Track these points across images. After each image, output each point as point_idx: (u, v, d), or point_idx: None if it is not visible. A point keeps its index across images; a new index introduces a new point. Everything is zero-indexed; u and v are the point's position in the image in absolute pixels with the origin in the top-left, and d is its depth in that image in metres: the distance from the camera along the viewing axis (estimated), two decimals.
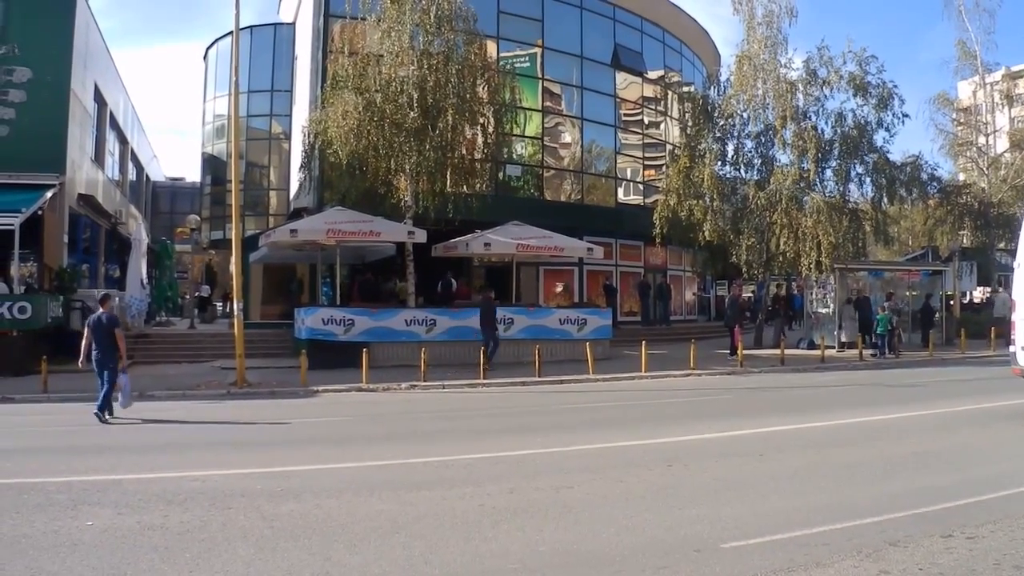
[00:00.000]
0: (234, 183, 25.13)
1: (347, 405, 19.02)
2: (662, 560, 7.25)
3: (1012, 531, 8.02)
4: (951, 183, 45.28)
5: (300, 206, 37.30)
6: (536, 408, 18.75)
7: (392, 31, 27.35)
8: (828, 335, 33.14)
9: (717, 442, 13.73)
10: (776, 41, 33.69)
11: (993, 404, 17.92)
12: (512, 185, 39.78)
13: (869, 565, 7.05)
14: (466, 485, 10.20)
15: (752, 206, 33.06)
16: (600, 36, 42.10)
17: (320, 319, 26.14)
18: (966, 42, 45.24)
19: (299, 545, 7.66)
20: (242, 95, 35.28)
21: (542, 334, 27.93)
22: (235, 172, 26.29)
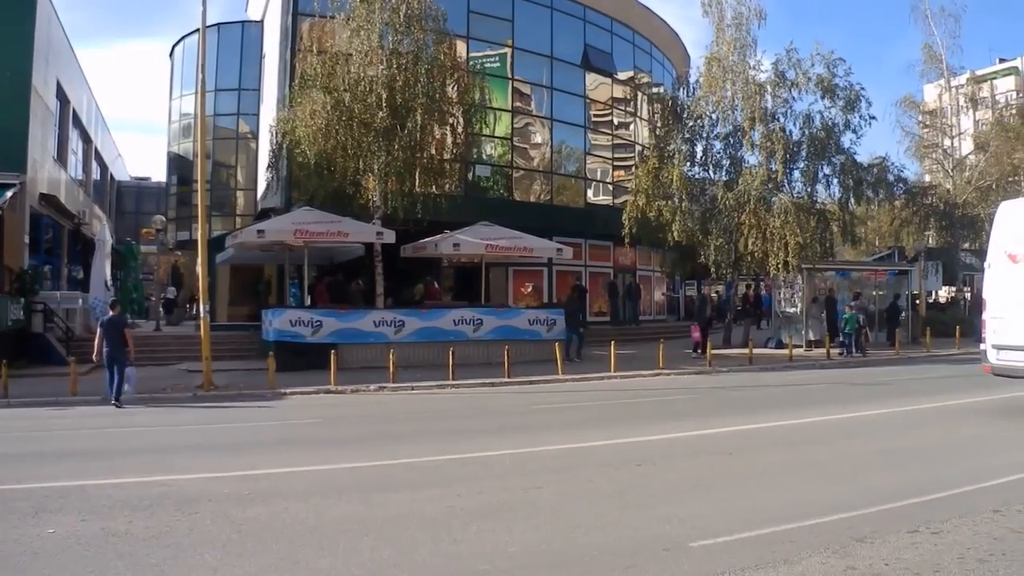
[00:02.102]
0: (200, 183, 24.92)
1: (315, 407, 18.90)
2: (630, 559, 7.23)
3: (976, 525, 8.07)
4: (917, 184, 45.75)
5: (268, 206, 37.14)
6: (505, 409, 18.70)
7: (361, 30, 27.24)
8: (796, 334, 33.36)
9: (686, 441, 13.76)
10: (745, 43, 33.83)
11: (959, 401, 18.17)
12: (481, 185, 39.74)
13: (836, 561, 7.07)
14: (435, 486, 10.15)
15: (721, 207, 33.14)
16: (570, 37, 42.14)
17: (288, 320, 25.97)
18: (932, 46, 45.61)
19: (267, 549, 7.57)
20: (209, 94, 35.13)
21: (511, 334, 27.89)
22: (201, 172, 26.04)
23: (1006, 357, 16.01)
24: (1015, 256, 15.99)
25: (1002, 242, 16.47)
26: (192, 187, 43.99)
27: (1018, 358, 15.63)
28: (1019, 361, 15.63)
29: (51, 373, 22.85)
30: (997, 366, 16.33)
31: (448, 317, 27.94)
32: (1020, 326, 15.59)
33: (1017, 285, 15.81)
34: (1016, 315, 15.74)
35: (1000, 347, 16.15)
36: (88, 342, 26.17)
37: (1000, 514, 8.45)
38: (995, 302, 16.46)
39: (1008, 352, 15.93)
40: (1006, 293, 16.14)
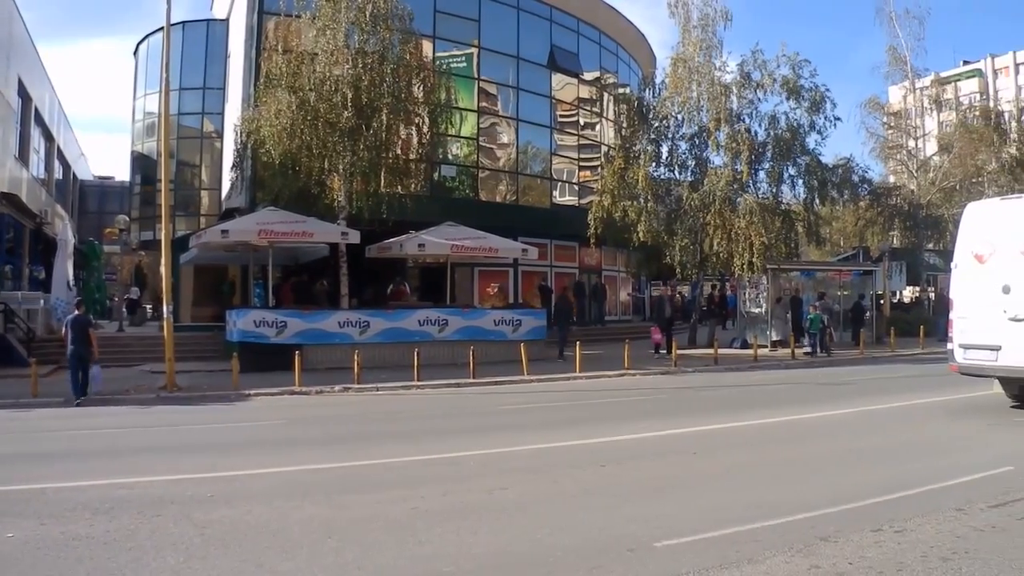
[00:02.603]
0: (164, 183, 24.76)
1: (280, 408, 18.82)
2: (595, 560, 7.23)
3: (939, 524, 8.14)
4: (881, 185, 46.26)
5: (232, 206, 36.91)
6: (471, 410, 18.71)
7: (327, 29, 27.12)
8: (761, 334, 33.56)
9: (651, 441, 13.79)
10: (711, 44, 34.04)
11: (923, 401, 18.36)
12: (447, 186, 39.70)
13: (800, 560, 7.10)
14: (400, 488, 10.12)
15: (686, 207, 33.29)
16: (537, 37, 42.16)
17: (252, 321, 25.84)
18: (897, 48, 46.21)
19: (230, 552, 7.51)
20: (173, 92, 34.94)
21: (477, 335, 27.87)
22: (165, 171, 25.92)
23: (972, 356, 16.31)
24: (981, 256, 16.26)
25: (969, 243, 16.70)
26: (156, 187, 43.59)
27: (984, 357, 15.96)
28: (985, 360, 15.98)
29: (12, 375, 22.60)
30: (964, 365, 16.64)
31: (413, 318, 27.90)
32: (986, 326, 15.88)
33: (983, 285, 16.06)
34: (982, 315, 16.02)
35: (967, 346, 16.44)
36: (50, 343, 26.03)
37: (963, 512, 8.53)
38: (962, 302, 16.73)
39: (974, 351, 16.24)
40: (972, 293, 16.39)
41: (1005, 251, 15.81)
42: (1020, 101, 59.02)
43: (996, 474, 10.42)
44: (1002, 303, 15.59)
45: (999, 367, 15.91)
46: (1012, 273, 15.57)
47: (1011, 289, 15.51)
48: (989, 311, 15.84)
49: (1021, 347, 15.23)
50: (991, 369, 16.20)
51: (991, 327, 15.77)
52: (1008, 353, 15.46)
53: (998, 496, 9.17)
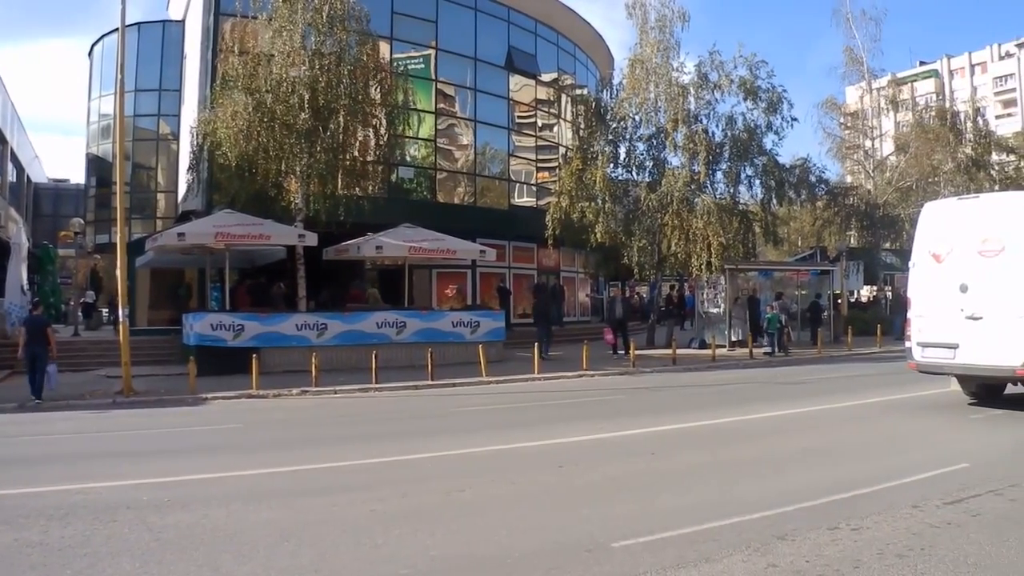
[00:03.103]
0: (119, 185, 24.59)
1: (237, 412, 18.69)
2: (553, 561, 7.26)
3: (895, 521, 8.23)
4: (838, 185, 46.62)
5: (188, 209, 36.67)
6: (429, 412, 18.71)
7: (283, 30, 26.95)
8: (719, 334, 33.74)
9: (609, 442, 13.84)
10: (668, 45, 34.13)
11: (880, 399, 18.51)
12: (405, 187, 39.61)
13: (757, 559, 7.17)
14: (358, 490, 10.11)
15: (644, 208, 33.38)
16: (494, 38, 42.17)
17: (209, 324, 25.67)
18: (853, 49, 46.47)
19: (186, 557, 7.48)
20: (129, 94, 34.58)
21: (435, 337, 27.86)
22: (120, 174, 25.68)
23: (930, 354, 16.58)
24: (939, 256, 16.50)
25: (926, 242, 16.95)
26: (111, 189, 43.13)
27: (942, 355, 16.24)
28: (943, 358, 16.26)
29: None
30: (922, 363, 16.90)
31: (371, 320, 27.83)
32: (944, 324, 16.17)
33: (941, 284, 16.32)
34: (940, 314, 16.29)
35: (925, 344, 16.69)
36: (3, 348, 25.75)
37: (919, 509, 8.64)
38: (919, 301, 17.03)
39: (932, 349, 16.52)
40: (930, 292, 16.65)
41: (962, 250, 16.05)
42: (975, 101, 59.61)
43: (952, 471, 10.55)
44: (959, 302, 15.86)
45: (957, 365, 16.21)
46: (969, 272, 15.84)
47: (968, 288, 15.77)
48: (947, 310, 16.12)
49: (978, 345, 15.50)
50: (949, 367, 16.51)
51: (949, 325, 16.05)
52: (965, 351, 15.74)
53: (953, 493, 9.29)
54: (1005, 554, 7.22)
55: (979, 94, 79.48)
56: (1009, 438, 13.65)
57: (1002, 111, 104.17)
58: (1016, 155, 53.73)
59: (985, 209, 16.48)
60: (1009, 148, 53.60)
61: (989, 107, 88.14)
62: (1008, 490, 9.44)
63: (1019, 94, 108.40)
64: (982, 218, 16.08)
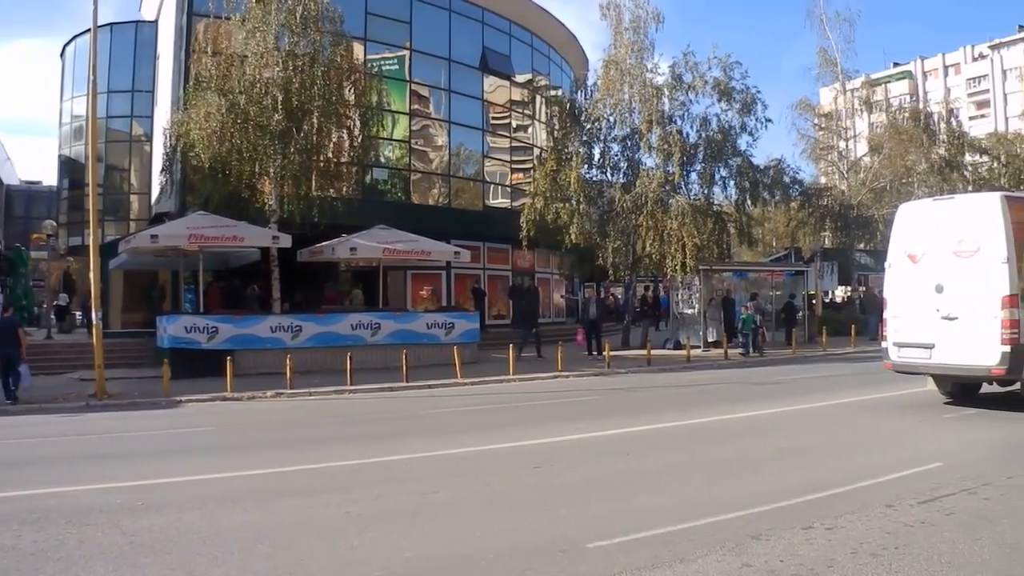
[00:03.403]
0: (91, 187, 24.46)
1: (211, 415, 18.63)
2: (527, 562, 7.28)
3: (869, 520, 8.29)
4: (812, 186, 46.70)
5: (162, 211, 36.48)
6: (404, 413, 18.67)
7: (257, 31, 26.87)
8: (694, 335, 33.83)
9: (584, 443, 13.88)
10: (643, 46, 34.14)
11: (854, 399, 18.65)
12: (379, 189, 39.52)
13: (732, 559, 7.20)
14: (333, 492, 10.10)
15: (618, 209, 33.40)
16: (468, 39, 42.13)
17: (183, 327, 25.55)
18: (827, 50, 46.54)
19: (159, 560, 7.45)
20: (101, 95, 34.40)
21: (410, 339, 27.83)
22: (93, 175, 25.54)
23: (906, 354, 16.87)
24: (915, 256, 16.84)
25: (902, 243, 17.28)
26: (84, 191, 42.85)
27: (918, 355, 16.54)
28: (919, 358, 16.56)
29: None
30: (898, 363, 17.19)
31: (346, 322, 27.78)
32: (920, 324, 16.47)
33: (917, 285, 16.61)
34: (916, 314, 16.59)
35: (901, 344, 17.01)
36: None
37: (893, 509, 8.70)
38: (895, 301, 17.31)
39: (908, 349, 16.82)
40: (906, 293, 16.96)
41: (938, 251, 16.36)
42: (949, 103, 60.06)
43: (926, 470, 10.63)
44: (935, 302, 16.14)
45: (933, 364, 16.50)
46: (945, 273, 16.12)
47: (944, 288, 16.06)
48: (923, 310, 16.41)
49: (954, 345, 15.79)
50: (925, 367, 16.80)
51: (925, 326, 16.34)
52: (941, 351, 16.03)
53: (927, 492, 9.37)
54: (978, 553, 7.28)
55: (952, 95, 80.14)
56: (982, 437, 13.75)
57: (975, 112, 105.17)
58: (989, 156, 54.14)
59: (960, 210, 16.70)
60: (982, 149, 54.00)
61: (962, 108, 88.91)
62: (981, 489, 9.53)
63: (992, 95, 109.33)
64: (957, 219, 16.32)
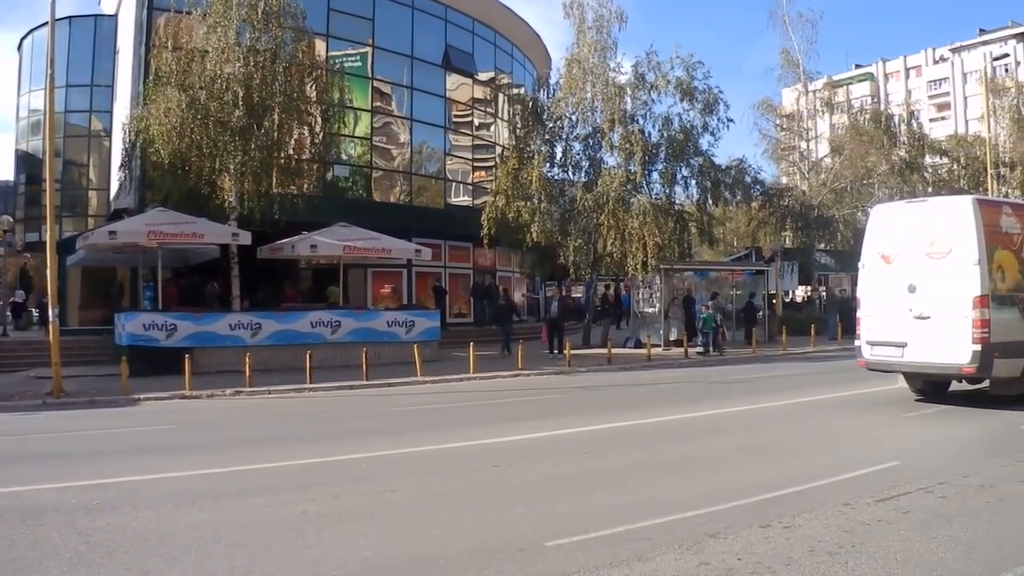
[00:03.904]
0: (49, 182, 24.18)
1: (170, 413, 18.49)
2: (486, 560, 7.29)
3: (827, 519, 8.36)
4: (774, 186, 46.94)
5: (120, 207, 36.16)
6: (363, 412, 18.65)
7: (218, 26, 26.68)
8: (655, 334, 33.92)
9: (543, 441, 13.90)
10: (605, 45, 34.29)
11: (813, 398, 18.95)
12: (340, 186, 39.44)
13: (690, 557, 7.23)
14: (291, 491, 10.03)
15: (580, 208, 33.50)
16: (431, 37, 42.08)
17: (141, 324, 25.34)
18: (790, 51, 46.76)
19: (115, 561, 7.39)
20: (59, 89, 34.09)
21: (370, 337, 27.76)
22: (50, 171, 25.26)
23: (879, 352, 17.30)
24: (888, 257, 17.32)
25: (875, 244, 17.74)
26: (42, 186, 42.28)
27: (891, 354, 16.96)
28: (892, 356, 16.99)
29: None
30: (871, 361, 17.62)
31: (305, 319, 27.67)
32: (893, 323, 16.89)
33: (890, 285, 17.06)
34: (889, 313, 17.06)
35: (874, 343, 17.44)
36: None
37: (850, 507, 8.78)
38: (869, 301, 17.74)
39: (881, 348, 17.25)
40: (879, 292, 17.39)
41: (911, 252, 16.79)
42: (910, 105, 60.71)
43: (883, 469, 10.73)
44: (908, 302, 16.56)
45: (905, 363, 16.92)
46: (917, 273, 16.54)
47: (916, 288, 16.47)
48: (895, 309, 16.84)
49: (926, 344, 16.20)
50: (898, 365, 17.22)
51: (897, 325, 16.75)
52: (914, 349, 16.44)
53: (885, 491, 9.46)
54: (934, 551, 7.37)
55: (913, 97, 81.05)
56: (940, 436, 13.97)
57: (936, 114, 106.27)
58: (949, 158, 54.84)
59: (933, 212, 17.08)
60: (942, 151, 54.69)
61: (923, 110, 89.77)
62: (937, 487, 9.63)
63: (953, 98, 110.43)
64: (930, 221, 16.75)
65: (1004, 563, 7.05)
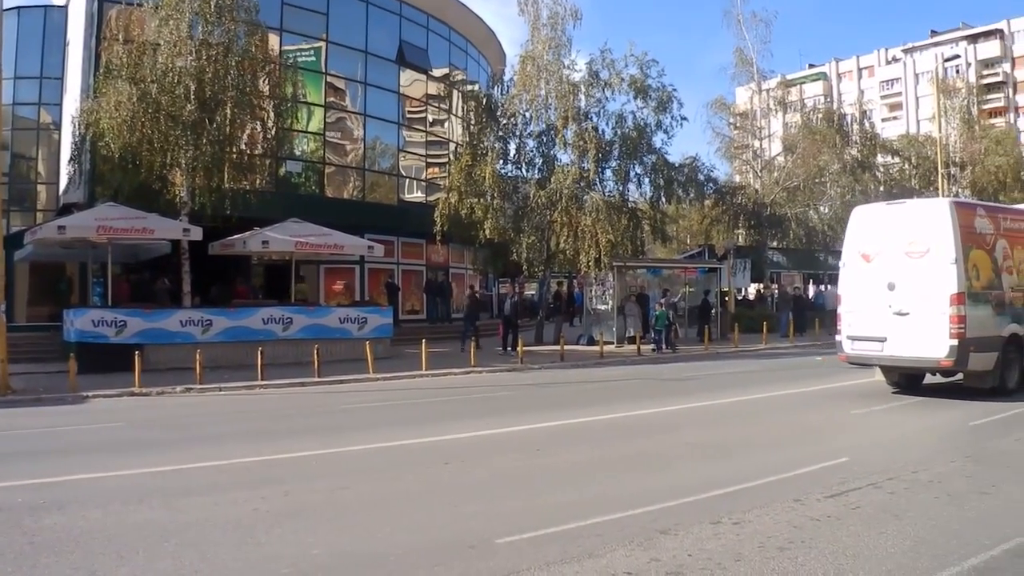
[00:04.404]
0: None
1: (119, 411, 18.28)
2: (436, 558, 7.32)
3: (776, 515, 8.48)
4: (727, 184, 47.37)
5: (70, 201, 35.71)
6: (315, 409, 18.58)
7: (170, 19, 26.42)
8: (607, 331, 34.04)
9: (495, 438, 13.96)
10: (560, 43, 34.26)
11: (765, 395, 19.23)
12: (293, 182, 39.13)
13: (640, 554, 7.30)
14: (241, 489, 10.02)
15: (533, 205, 33.51)
16: (386, 32, 41.88)
17: (90, 320, 25.05)
18: (744, 50, 47.20)
19: (62, 560, 7.34)
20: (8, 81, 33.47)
21: (322, 333, 27.57)
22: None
23: (859, 347, 18.40)
24: (868, 256, 18.37)
25: (856, 243, 18.80)
26: None
27: (871, 348, 18.09)
28: (872, 351, 18.12)
29: None
30: (851, 355, 18.73)
31: (257, 316, 27.45)
32: (873, 319, 17.91)
33: (870, 282, 18.07)
34: (869, 309, 18.06)
35: (854, 338, 18.46)
36: None
37: (800, 503, 8.92)
38: (850, 297, 18.74)
39: (861, 342, 18.32)
40: (860, 289, 18.42)
41: (890, 251, 17.87)
42: (862, 104, 61.45)
43: (833, 465, 10.92)
44: (887, 299, 17.59)
45: (885, 356, 17.99)
46: (897, 271, 17.58)
47: (896, 286, 17.50)
48: (876, 306, 17.85)
49: (905, 338, 17.28)
50: (877, 358, 18.32)
51: (877, 320, 17.78)
52: (893, 344, 17.51)
53: (834, 486, 9.63)
54: (883, 545, 7.50)
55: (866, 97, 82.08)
56: (888, 433, 14.23)
57: (888, 114, 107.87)
58: (900, 157, 55.63)
59: (912, 214, 18.25)
60: (894, 150, 55.52)
61: (875, 110, 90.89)
62: (886, 483, 9.82)
63: (905, 98, 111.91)
64: (909, 222, 17.96)
65: (951, 557, 7.18)
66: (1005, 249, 18.35)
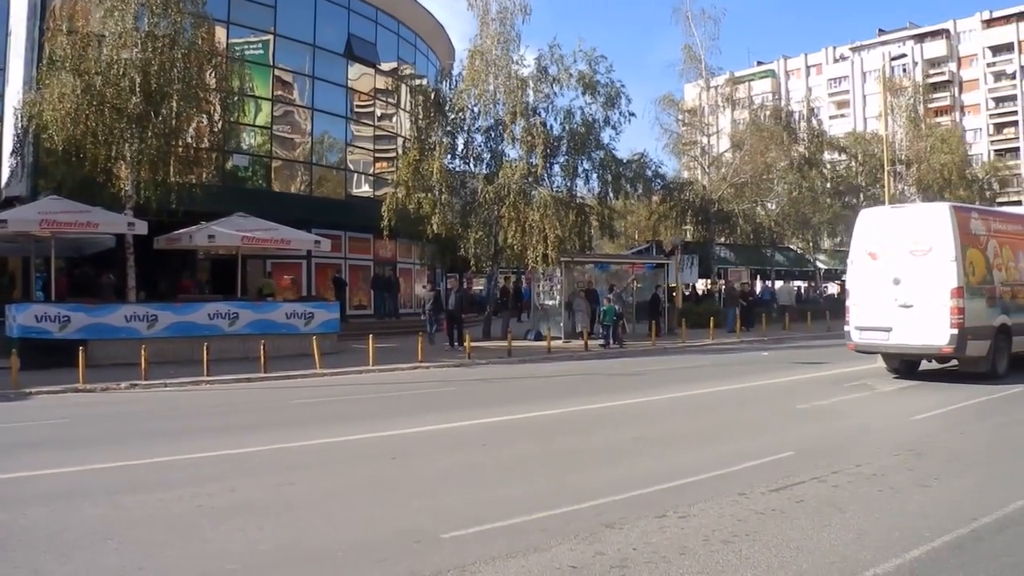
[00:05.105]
0: None
1: (62, 407, 18.01)
2: (382, 553, 7.36)
3: (721, 508, 8.59)
4: (675, 180, 47.82)
5: (12, 195, 35.16)
6: (261, 405, 18.53)
7: (115, 10, 26.06)
8: (555, 326, 34.15)
9: (441, 434, 13.99)
10: (509, 38, 34.35)
11: (711, 390, 19.46)
12: (240, 176, 38.96)
13: (585, 548, 7.36)
14: (186, 486, 9.95)
15: (481, 200, 33.59)
16: (334, 25, 41.76)
17: (33, 316, 24.69)
18: (692, 47, 47.58)
19: (3, 558, 7.28)
20: None
21: (269, 328, 27.42)
22: None
23: (867, 336, 20.56)
24: (875, 254, 20.46)
25: (863, 243, 20.87)
26: None
27: (877, 337, 20.21)
28: (878, 340, 20.24)
29: None
30: (859, 344, 20.95)
31: (203, 311, 27.19)
32: (879, 311, 19.99)
33: (877, 278, 20.17)
34: (876, 302, 20.15)
35: (862, 328, 20.61)
36: None
37: (745, 497, 9.04)
38: (857, 292, 20.93)
39: (868, 332, 20.47)
40: (867, 284, 20.55)
41: (895, 250, 19.93)
42: (810, 102, 62.06)
43: (779, 459, 11.07)
44: (893, 293, 19.68)
45: (890, 345, 20.11)
46: (901, 268, 19.66)
47: (900, 281, 19.60)
48: (882, 299, 19.95)
49: (909, 328, 19.35)
50: (883, 347, 20.48)
51: (884, 312, 19.88)
52: (898, 333, 19.64)
53: (779, 480, 9.77)
54: (827, 538, 7.62)
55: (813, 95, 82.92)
56: (835, 427, 14.45)
57: (835, 112, 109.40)
58: (847, 155, 56.37)
59: (915, 216, 20.73)
60: (841, 148, 56.40)
61: (823, 107, 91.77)
62: (830, 477, 9.98)
63: (852, 96, 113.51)
64: (912, 224, 20.17)
65: (893, 548, 7.32)
66: (995, 248, 20.57)
